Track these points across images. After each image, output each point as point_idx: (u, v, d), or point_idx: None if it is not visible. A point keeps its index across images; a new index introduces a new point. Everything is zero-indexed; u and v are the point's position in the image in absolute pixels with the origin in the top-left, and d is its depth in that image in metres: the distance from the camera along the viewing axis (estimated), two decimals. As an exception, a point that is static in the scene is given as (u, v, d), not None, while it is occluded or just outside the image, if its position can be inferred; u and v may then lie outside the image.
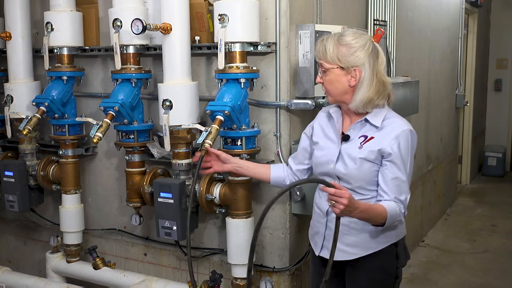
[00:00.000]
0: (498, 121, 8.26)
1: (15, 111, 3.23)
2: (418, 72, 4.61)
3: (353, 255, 2.21)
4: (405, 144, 2.08)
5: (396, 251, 2.23)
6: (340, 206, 1.88)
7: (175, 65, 2.67)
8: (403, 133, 2.08)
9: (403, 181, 2.09)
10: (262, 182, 2.84)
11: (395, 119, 2.13)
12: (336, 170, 2.15)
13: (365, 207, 2.00)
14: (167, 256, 3.25)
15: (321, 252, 2.29)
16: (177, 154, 2.77)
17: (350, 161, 2.11)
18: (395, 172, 2.07)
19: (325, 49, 2.08)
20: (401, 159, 2.07)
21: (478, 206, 6.47)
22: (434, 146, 5.42)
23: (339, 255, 2.19)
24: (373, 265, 2.20)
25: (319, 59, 2.13)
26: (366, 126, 2.13)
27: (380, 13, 3.60)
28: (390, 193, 2.07)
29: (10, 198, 3.31)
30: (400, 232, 2.24)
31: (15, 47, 3.25)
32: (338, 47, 2.06)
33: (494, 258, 4.85)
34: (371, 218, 2.06)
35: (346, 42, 2.07)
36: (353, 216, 1.99)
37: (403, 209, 2.10)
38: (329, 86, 2.12)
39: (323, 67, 2.11)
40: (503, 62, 8.17)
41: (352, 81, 2.08)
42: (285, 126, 2.79)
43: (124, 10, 2.77)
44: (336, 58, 2.06)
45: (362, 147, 2.10)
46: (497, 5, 8.02)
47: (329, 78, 2.10)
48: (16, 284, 3.28)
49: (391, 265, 2.23)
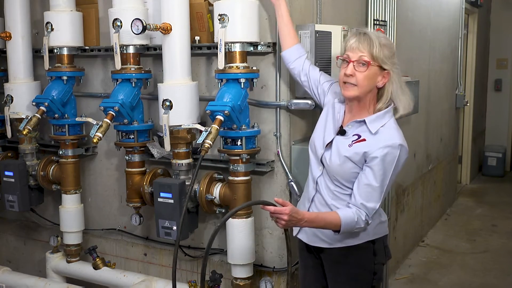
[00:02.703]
0: (498, 121, 8.25)
1: (15, 111, 3.23)
2: (418, 72, 4.61)
3: (326, 243, 2.28)
4: (391, 157, 2.09)
5: (374, 248, 2.28)
6: (281, 221, 2.01)
7: (175, 65, 2.67)
8: (394, 145, 2.09)
9: (375, 189, 2.10)
10: (262, 183, 2.84)
11: (393, 131, 2.15)
12: (322, 157, 2.23)
13: (311, 218, 2.09)
14: (167, 256, 3.25)
15: (298, 234, 2.40)
16: (177, 154, 2.77)
17: (336, 156, 2.17)
18: (370, 179, 2.10)
19: (372, 43, 2.10)
20: (381, 168, 2.08)
21: (478, 206, 6.46)
22: (434, 146, 5.42)
23: (315, 241, 2.31)
24: (350, 260, 2.28)
25: (359, 51, 2.10)
26: (363, 127, 2.16)
27: (380, 13, 3.60)
28: (358, 198, 2.12)
29: (10, 198, 3.31)
30: (378, 231, 2.30)
31: (15, 47, 3.25)
32: (382, 47, 2.10)
33: (494, 258, 4.84)
34: (321, 226, 2.15)
35: (386, 43, 2.13)
36: (301, 226, 2.11)
37: (366, 217, 2.11)
38: (364, 81, 2.11)
39: (364, 60, 2.10)
40: (503, 62, 8.17)
41: (381, 82, 2.13)
42: (285, 126, 2.79)
43: (124, 10, 2.77)
44: (382, 56, 2.10)
45: (352, 146, 2.14)
46: (497, 5, 8.01)
47: (368, 73, 2.11)
48: (16, 284, 3.28)
49: (368, 261, 2.29)
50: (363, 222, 2.11)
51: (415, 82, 3.83)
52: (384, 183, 2.10)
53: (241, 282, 2.77)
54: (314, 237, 2.32)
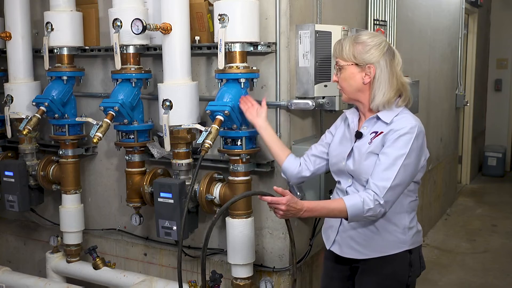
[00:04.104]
0: (498, 121, 8.25)
1: (15, 111, 3.23)
2: (418, 72, 4.61)
3: (362, 254, 2.19)
4: (406, 138, 2.05)
5: (410, 258, 2.19)
6: (279, 212, 1.98)
7: (175, 65, 2.67)
8: (406, 127, 2.06)
9: (387, 168, 2.02)
10: (262, 183, 2.84)
11: (406, 115, 2.14)
12: (346, 167, 2.17)
13: (311, 207, 2.03)
14: (167, 256, 3.25)
15: (332, 246, 2.28)
16: (177, 154, 2.77)
17: (359, 157, 2.12)
18: (383, 159, 2.04)
19: (341, 47, 2.14)
20: (394, 149, 2.04)
21: (478, 206, 6.46)
22: (434, 146, 5.42)
23: (349, 253, 2.21)
24: (385, 271, 2.18)
25: (335, 58, 2.17)
26: (378, 122, 2.14)
27: (380, 13, 3.60)
28: (370, 179, 2.05)
29: (10, 198, 3.31)
30: (415, 240, 2.21)
31: (15, 47, 3.25)
32: (354, 45, 2.11)
33: (494, 258, 4.84)
34: (324, 215, 2.11)
35: (362, 40, 2.12)
36: (302, 216, 2.03)
37: (375, 196, 2.01)
38: (344, 83, 2.16)
39: (339, 65, 2.15)
40: (503, 62, 8.17)
41: (366, 78, 2.11)
42: (285, 126, 2.79)
43: (124, 10, 2.77)
44: (352, 55, 2.11)
45: (371, 142, 2.11)
46: (497, 5, 8.02)
47: (344, 75, 2.14)
48: (16, 284, 3.28)
49: (403, 272, 2.19)
50: (371, 202, 2.00)
51: (415, 82, 3.83)
52: (397, 162, 2.02)
53: (241, 282, 2.77)
54: (348, 249, 2.21)
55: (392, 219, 2.14)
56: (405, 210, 2.18)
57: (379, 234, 2.15)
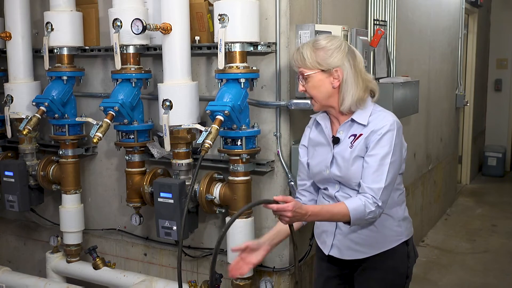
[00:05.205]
0: (498, 121, 8.25)
1: (15, 111, 3.23)
2: (418, 72, 4.61)
3: (364, 253, 2.20)
4: (388, 137, 2.05)
5: (407, 249, 2.24)
6: (285, 218, 1.94)
7: (175, 65, 2.67)
8: (386, 126, 2.06)
9: (377, 170, 2.04)
10: (262, 183, 2.85)
11: (381, 113, 2.13)
12: (331, 174, 2.15)
13: (316, 211, 2.01)
14: (167, 256, 3.25)
15: (331, 251, 2.27)
16: (177, 154, 2.77)
17: (344, 163, 2.11)
18: (371, 162, 2.05)
19: (303, 57, 2.09)
20: (380, 149, 2.04)
21: (478, 206, 6.46)
22: (434, 146, 5.42)
23: (350, 254, 2.21)
24: (386, 265, 2.20)
25: (298, 68, 2.13)
26: (354, 125, 2.13)
27: (380, 13, 3.61)
28: (363, 183, 2.06)
29: (10, 198, 3.31)
30: (410, 230, 2.27)
31: (15, 47, 3.25)
32: (315, 52, 2.07)
33: (494, 258, 4.84)
34: (327, 219, 2.09)
35: (322, 45, 2.08)
36: (306, 220, 2.01)
37: (373, 199, 2.02)
38: (313, 92, 2.11)
39: (303, 75, 2.11)
40: (503, 62, 8.17)
41: (335, 82, 2.09)
42: (285, 126, 2.79)
43: (124, 10, 2.77)
44: (316, 62, 2.07)
45: (353, 146, 2.10)
46: (497, 5, 8.01)
47: (311, 84, 2.10)
48: (16, 284, 3.28)
49: (403, 264, 2.23)
50: (372, 205, 2.02)
51: (415, 82, 3.82)
52: (385, 162, 2.04)
53: (241, 282, 2.77)
54: (349, 251, 2.20)
55: (388, 214, 2.17)
56: (397, 203, 2.21)
57: (378, 232, 2.17)
